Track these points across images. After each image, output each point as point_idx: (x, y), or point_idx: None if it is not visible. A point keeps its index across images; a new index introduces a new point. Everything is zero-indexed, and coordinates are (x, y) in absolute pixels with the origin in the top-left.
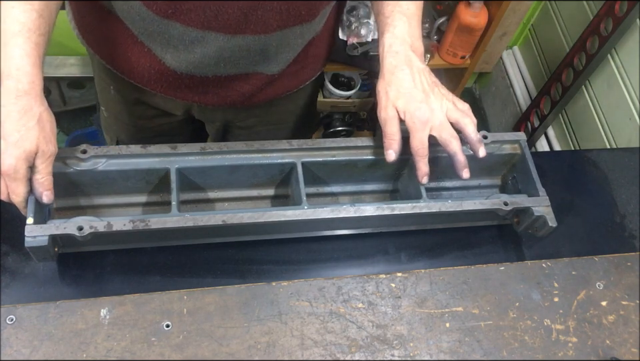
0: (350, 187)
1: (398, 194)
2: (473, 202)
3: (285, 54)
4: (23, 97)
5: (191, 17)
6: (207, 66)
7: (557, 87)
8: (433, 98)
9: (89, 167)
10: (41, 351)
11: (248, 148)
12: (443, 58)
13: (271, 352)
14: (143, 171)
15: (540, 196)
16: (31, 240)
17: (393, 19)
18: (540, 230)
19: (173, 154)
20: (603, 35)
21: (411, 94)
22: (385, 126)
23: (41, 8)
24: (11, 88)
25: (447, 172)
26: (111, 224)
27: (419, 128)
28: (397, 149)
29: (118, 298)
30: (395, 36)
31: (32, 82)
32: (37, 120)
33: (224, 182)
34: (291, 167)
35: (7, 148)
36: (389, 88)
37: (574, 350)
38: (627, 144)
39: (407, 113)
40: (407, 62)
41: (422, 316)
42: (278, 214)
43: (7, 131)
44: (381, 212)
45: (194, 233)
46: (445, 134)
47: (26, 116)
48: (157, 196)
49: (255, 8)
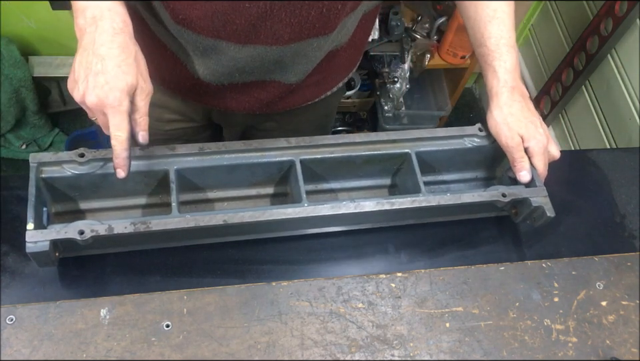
0: (348, 183)
1: (396, 188)
2: (472, 195)
3: (302, 65)
4: (120, 34)
5: (200, 25)
6: (222, 75)
7: (557, 87)
8: (539, 125)
9: (87, 170)
10: (41, 351)
11: (246, 147)
12: (443, 58)
13: (270, 352)
14: (141, 173)
15: (537, 186)
16: (32, 245)
17: (501, 53)
18: (538, 220)
19: (172, 155)
20: (603, 35)
21: (529, 123)
22: (513, 153)
23: None
24: (107, 28)
25: (445, 165)
26: (112, 227)
27: (540, 152)
28: (529, 169)
29: (118, 298)
30: (508, 72)
31: (124, 21)
32: (134, 57)
33: (223, 181)
34: (289, 165)
35: (109, 82)
36: (509, 120)
37: (574, 350)
38: (627, 144)
39: (531, 140)
40: (521, 95)
41: (422, 316)
42: (278, 212)
43: (109, 66)
44: (381, 207)
45: (194, 233)
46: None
47: (124, 53)
48: (156, 197)
49: (263, 19)
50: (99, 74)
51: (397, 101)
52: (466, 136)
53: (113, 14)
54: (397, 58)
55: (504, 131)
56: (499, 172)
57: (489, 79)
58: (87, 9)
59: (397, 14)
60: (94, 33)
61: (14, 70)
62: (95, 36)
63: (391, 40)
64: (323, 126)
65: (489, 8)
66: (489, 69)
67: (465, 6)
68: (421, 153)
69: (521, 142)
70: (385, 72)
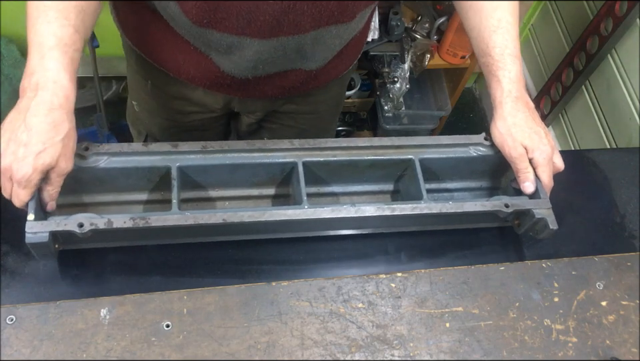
0: (351, 187)
1: (399, 194)
2: (474, 204)
3: (323, 52)
4: (57, 110)
5: (225, 25)
6: (245, 69)
7: (557, 87)
8: (544, 136)
9: (91, 164)
10: (41, 351)
11: (249, 147)
12: (443, 58)
13: (270, 352)
14: (144, 169)
15: (541, 198)
16: (32, 236)
17: (505, 63)
18: (540, 233)
19: (175, 152)
20: (603, 35)
21: (534, 132)
22: (517, 164)
23: (77, 24)
24: (46, 100)
25: (449, 173)
26: (111, 222)
27: (545, 163)
28: (533, 180)
29: (118, 298)
30: (512, 82)
31: (67, 96)
32: (63, 136)
33: (225, 180)
34: (292, 167)
35: (27, 157)
36: (513, 130)
37: (574, 350)
38: (627, 144)
39: (536, 151)
40: (525, 105)
41: (422, 316)
42: (278, 214)
43: (32, 141)
44: (382, 212)
45: (194, 231)
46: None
47: (54, 130)
48: (157, 194)
49: (287, 12)
50: (20, 146)
51: (397, 101)
52: (471, 145)
53: (57, 87)
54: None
55: (507, 142)
56: (503, 182)
57: (493, 89)
58: (33, 74)
59: (397, 14)
60: (32, 100)
61: (14, 70)
62: (31, 104)
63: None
64: (337, 104)
65: (493, 18)
66: (492, 79)
67: (469, 16)
68: (424, 160)
69: (525, 153)
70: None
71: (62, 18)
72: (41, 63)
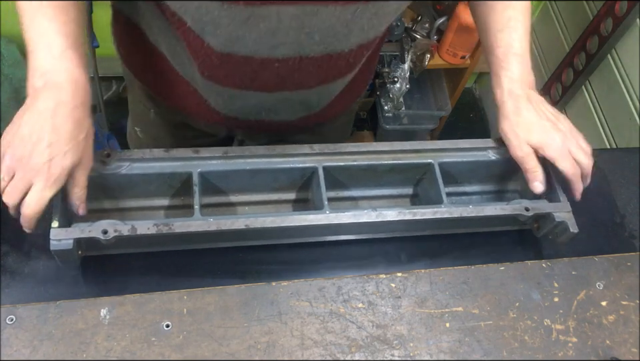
0: (370, 191)
1: (417, 198)
2: (494, 207)
3: (327, 99)
4: (79, 108)
5: (228, 81)
6: (248, 114)
7: (557, 87)
8: (560, 123)
9: (112, 171)
10: (41, 351)
11: (270, 153)
12: (443, 58)
13: (270, 352)
14: (165, 175)
15: (561, 201)
16: (56, 243)
17: (508, 62)
18: (560, 236)
19: (196, 158)
20: (603, 35)
21: (540, 127)
22: (524, 163)
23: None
24: (68, 100)
25: (467, 177)
26: (135, 228)
27: (559, 154)
28: (542, 179)
29: (118, 298)
30: (513, 81)
31: (86, 93)
32: (86, 133)
33: (245, 185)
34: (312, 171)
35: (55, 158)
36: (517, 129)
37: (574, 350)
38: (627, 144)
39: (545, 147)
40: (528, 100)
41: (422, 316)
42: (300, 219)
43: (59, 141)
44: (403, 217)
45: (215, 237)
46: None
47: (78, 129)
48: (178, 199)
49: (293, 72)
50: (47, 145)
51: (397, 101)
52: (490, 148)
53: (77, 86)
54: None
55: (512, 141)
56: (522, 185)
57: (494, 88)
58: (46, 74)
59: None
60: (52, 100)
61: (14, 70)
62: (53, 105)
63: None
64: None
65: (503, 17)
66: (495, 79)
67: (480, 12)
68: (443, 164)
69: (532, 152)
70: (385, 72)
71: (63, 15)
72: (54, 63)
